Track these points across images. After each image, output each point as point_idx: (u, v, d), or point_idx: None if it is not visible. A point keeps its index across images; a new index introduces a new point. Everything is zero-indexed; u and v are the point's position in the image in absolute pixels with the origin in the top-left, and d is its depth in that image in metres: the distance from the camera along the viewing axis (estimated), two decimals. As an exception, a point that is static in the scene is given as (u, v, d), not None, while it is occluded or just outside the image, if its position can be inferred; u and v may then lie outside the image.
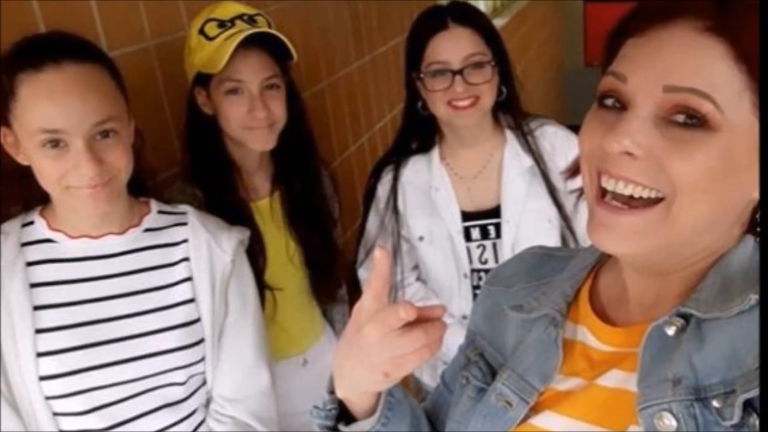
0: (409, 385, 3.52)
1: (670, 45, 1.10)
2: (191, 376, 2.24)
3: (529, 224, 2.98)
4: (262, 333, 2.44)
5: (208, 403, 2.35)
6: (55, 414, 2.06)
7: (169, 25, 2.81)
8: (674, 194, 1.10)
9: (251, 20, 2.57)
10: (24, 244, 2.08)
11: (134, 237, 2.19)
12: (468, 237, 3.05)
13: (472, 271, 3.09)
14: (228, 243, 2.30)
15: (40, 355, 2.01)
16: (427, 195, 3.07)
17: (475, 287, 3.09)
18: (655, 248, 1.17)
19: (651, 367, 1.15)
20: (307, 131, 2.93)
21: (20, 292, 2.01)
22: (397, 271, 3.19)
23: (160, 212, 2.29)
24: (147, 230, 2.23)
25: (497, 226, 3.02)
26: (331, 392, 1.42)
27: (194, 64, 2.56)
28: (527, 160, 2.99)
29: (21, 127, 1.92)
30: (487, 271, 3.06)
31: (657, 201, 1.13)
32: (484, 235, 3.05)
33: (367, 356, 1.24)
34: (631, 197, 1.14)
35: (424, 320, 1.22)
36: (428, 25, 2.86)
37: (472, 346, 1.58)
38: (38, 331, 2.02)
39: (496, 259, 3.05)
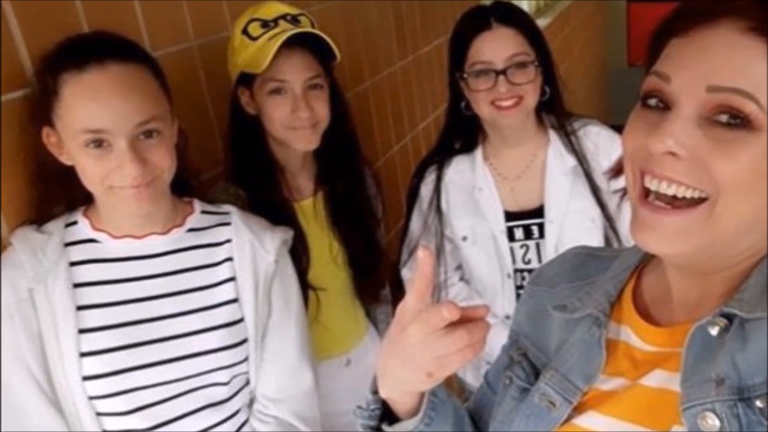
0: (453, 385, 3.52)
1: (713, 45, 1.10)
2: (234, 376, 2.24)
3: (573, 224, 2.97)
4: (305, 333, 2.44)
5: (251, 403, 2.35)
6: (99, 414, 2.07)
7: (212, 25, 2.83)
8: (717, 194, 1.09)
9: (294, 20, 2.57)
10: (67, 244, 2.09)
11: (177, 237, 2.20)
12: (511, 237, 3.04)
13: (516, 271, 3.08)
14: (271, 243, 2.30)
15: (83, 355, 2.02)
16: (471, 195, 3.06)
17: (519, 287, 3.08)
18: (698, 248, 1.16)
19: (694, 367, 1.15)
20: (350, 131, 2.94)
21: (63, 292, 2.02)
22: (440, 271, 3.19)
23: (204, 212, 2.30)
24: (190, 230, 2.24)
25: (541, 226, 3.01)
26: (375, 392, 1.43)
27: (237, 64, 2.57)
28: (570, 160, 2.98)
29: (64, 127, 1.93)
30: (530, 271, 3.05)
31: (700, 201, 1.12)
32: (528, 235, 3.04)
33: (410, 356, 1.25)
34: (674, 197, 1.14)
35: (468, 320, 1.22)
36: (471, 25, 2.85)
37: (516, 346, 1.58)
38: (81, 331, 2.03)
39: (540, 259, 3.04)
